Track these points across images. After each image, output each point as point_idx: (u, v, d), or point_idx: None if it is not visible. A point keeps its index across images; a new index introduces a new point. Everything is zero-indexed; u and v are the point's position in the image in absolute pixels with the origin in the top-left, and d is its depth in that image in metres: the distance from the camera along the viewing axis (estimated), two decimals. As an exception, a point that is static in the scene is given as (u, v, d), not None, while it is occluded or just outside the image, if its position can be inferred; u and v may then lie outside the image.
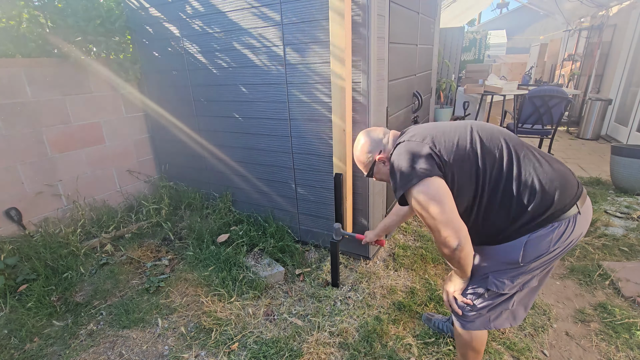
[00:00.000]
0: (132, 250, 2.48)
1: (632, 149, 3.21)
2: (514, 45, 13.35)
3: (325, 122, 2.10)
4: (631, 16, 5.36)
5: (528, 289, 1.21)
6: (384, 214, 2.40)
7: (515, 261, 1.11)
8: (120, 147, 2.97)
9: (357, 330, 1.78)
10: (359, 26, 1.81)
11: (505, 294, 1.19)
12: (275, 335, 1.76)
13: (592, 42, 6.63)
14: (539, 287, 1.27)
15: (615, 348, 1.66)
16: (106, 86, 2.80)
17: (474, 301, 1.23)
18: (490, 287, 1.18)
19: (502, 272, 1.16)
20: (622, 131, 5.32)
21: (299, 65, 2.06)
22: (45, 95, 2.46)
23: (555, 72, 8.39)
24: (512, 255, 1.12)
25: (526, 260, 1.10)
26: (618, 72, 5.63)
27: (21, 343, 1.74)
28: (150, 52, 2.75)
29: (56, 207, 2.60)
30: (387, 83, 2.13)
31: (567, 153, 4.99)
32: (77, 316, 1.93)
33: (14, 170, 2.35)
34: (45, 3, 2.47)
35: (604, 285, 2.10)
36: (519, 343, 1.68)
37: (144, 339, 1.78)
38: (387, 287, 2.09)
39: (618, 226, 2.75)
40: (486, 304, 1.22)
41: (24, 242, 2.27)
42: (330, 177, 2.18)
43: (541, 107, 4.25)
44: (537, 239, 1.08)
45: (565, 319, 1.86)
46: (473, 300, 1.23)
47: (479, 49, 6.33)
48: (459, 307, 1.27)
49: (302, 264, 2.32)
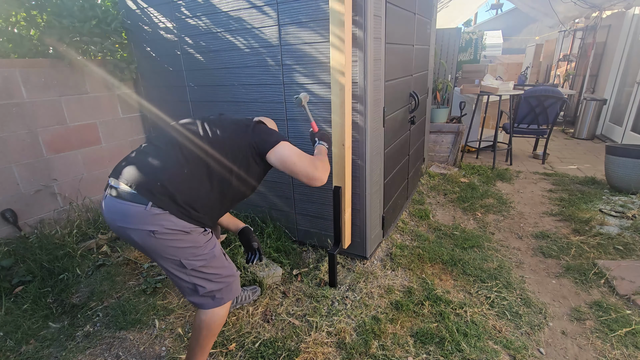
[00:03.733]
0: (128, 251, 2.47)
1: (626, 149, 3.24)
2: (510, 45, 13.45)
3: (324, 122, 2.10)
4: (625, 17, 5.41)
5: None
6: (381, 213, 2.41)
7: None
8: (117, 147, 2.96)
9: (354, 330, 1.79)
10: (356, 27, 1.82)
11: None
12: (273, 336, 1.76)
13: (586, 42, 6.69)
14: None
15: (611, 346, 1.68)
16: (102, 87, 2.79)
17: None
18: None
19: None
20: (616, 131, 5.37)
21: (296, 66, 2.07)
22: (41, 96, 2.44)
23: (551, 73, 8.45)
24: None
25: None
26: (612, 72, 5.69)
27: (17, 345, 1.73)
28: (147, 52, 2.74)
29: (52, 208, 2.59)
30: (384, 83, 2.14)
31: (563, 153, 5.03)
32: (73, 318, 1.92)
33: (9, 171, 2.34)
34: (41, 3, 2.46)
35: (599, 283, 2.12)
36: (515, 341, 1.69)
37: (141, 340, 1.77)
38: (384, 287, 2.10)
39: (613, 225, 2.77)
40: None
41: (20, 244, 2.26)
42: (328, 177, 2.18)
43: (537, 107, 4.29)
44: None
45: (561, 318, 1.88)
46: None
47: (475, 49, 6.36)
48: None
49: (299, 264, 2.32)
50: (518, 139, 5.75)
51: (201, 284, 1.31)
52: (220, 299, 1.36)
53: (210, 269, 1.32)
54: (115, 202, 1.22)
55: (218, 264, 1.36)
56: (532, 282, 2.17)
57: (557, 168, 4.33)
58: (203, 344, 1.41)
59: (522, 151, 5.18)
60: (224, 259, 1.40)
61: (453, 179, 3.87)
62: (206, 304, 1.35)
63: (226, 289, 1.37)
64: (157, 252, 1.24)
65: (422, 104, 3.30)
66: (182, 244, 1.25)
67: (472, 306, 1.92)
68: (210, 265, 1.32)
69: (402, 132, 2.69)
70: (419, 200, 3.33)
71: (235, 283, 1.42)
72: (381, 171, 2.31)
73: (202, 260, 1.30)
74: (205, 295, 1.33)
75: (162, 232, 1.20)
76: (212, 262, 1.33)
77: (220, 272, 1.36)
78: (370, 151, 2.06)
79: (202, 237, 1.31)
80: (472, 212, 3.13)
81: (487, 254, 2.46)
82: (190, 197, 1.26)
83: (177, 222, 1.22)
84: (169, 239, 1.22)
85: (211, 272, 1.33)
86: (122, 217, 1.21)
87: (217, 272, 1.35)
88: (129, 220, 1.20)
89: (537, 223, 2.92)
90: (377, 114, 2.09)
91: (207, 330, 1.38)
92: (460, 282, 2.15)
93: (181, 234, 1.24)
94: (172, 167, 1.27)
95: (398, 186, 2.78)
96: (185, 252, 1.26)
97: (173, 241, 1.23)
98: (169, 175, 1.24)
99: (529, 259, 2.43)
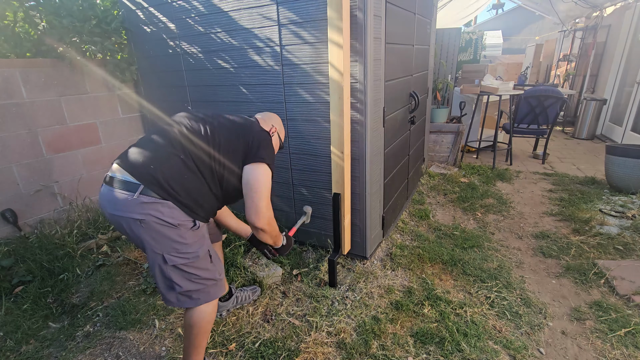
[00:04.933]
0: (128, 251, 2.47)
1: (626, 149, 3.24)
2: (510, 45, 13.46)
3: (323, 122, 2.10)
4: (625, 17, 5.41)
5: None
6: (381, 213, 2.41)
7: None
8: (117, 147, 2.96)
9: (354, 330, 1.79)
10: (356, 27, 1.82)
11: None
12: (273, 336, 1.76)
13: (586, 42, 6.69)
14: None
15: (611, 346, 1.68)
16: (102, 86, 2.79)
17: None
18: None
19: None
20: (616, 131, 5.37)
21: (296, 66, 2.07)
22: (41, 96, 2.44)
23: (551, 73, 8.45)
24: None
25: None
26: (612, 72, 5.68)
27: (17, 345, 1.73)
28: (147, 52, 2.74)
29: (52, 208, 2.59)
30: (384, 83, 2.14)
31: (563, 153, 5.03)
32: (73, 318, 1.92)
33: (9, 171, 2.34)
34: (41, 3, 2.45)
35: (599, 283, 2.12)
36: (515, 341, 1.69)
37: (141, 340, 1.77)
38: (384, 287, 2.10)
39: (613, 225, 2.77)
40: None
41: (20, 244, 2.26)
42: (327, 177, 2.18)
43: (537, 107, 4.29)
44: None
45: (561, 318, 1.88)
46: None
47: (475, 49, 6.37)
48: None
49: (299, 264, 2.32)
50: (518, 139, 5.75)
51: (178, 282, 1.29)
52: (197, 299, 1.35)
53: (190, 268, 1.31)
54: (106, 189, 1.27)
55: (200, 265, 1.34)
56: (532, 282, 2.17)
57: (557, 168, 4.33)
58: (195, 342, 1.40)
59: (522, 151, 5.18)
60: (208, 261, 1.37)
61: (453, 179, 3.87)
62: (183, 303, 1.34)
63: (203, 290, 1.36)
64: (143, 242, 1.25)
65: (422, 104, 3.30)
66: (167, 238, 1.24)
67: (472, 306, 1.92)
68: (192, 265, 1.31)
69: (402, 132, 2.69)
70: (419, 200, 3.33)
71: (214, 287, 1.39)
72: (381, 171, 2.31)
73: (184, 259, 1.28)
74: (181, 294, 1.32)
75: (148, 222, 1.21)
76: (195, 263, 1.31)
77: (200, 274, 1.33)
78: (370, 151, 2.06)
79: (189, 234, 1.29)
80: (472, 212, 3.13)
81: (487, 254, 2.46)
82: (182, 185, 1.26)
83: (166, 212, 1.22)
84: (156, 230, 1.22)
85: (191, 271, 1.31)
86: (112, 204, 1.24)
87: (198, 273, 1.33)
88: (118, 208, 1.22)
89: (537, 223, 2.92)
90: (377, 114, 2.09)
91: (197, 328, 1.37)
92: (460, 282, 2.15)
93: (168, 226, 1.24)
94: (163, 156, 1.27)
95: (398, 186, 2.78)
96: (169, 246, 1.25)
97: (159, 233, 1.23)
98: (160, 163, 1.25)
99: (529, 259, 2.43)
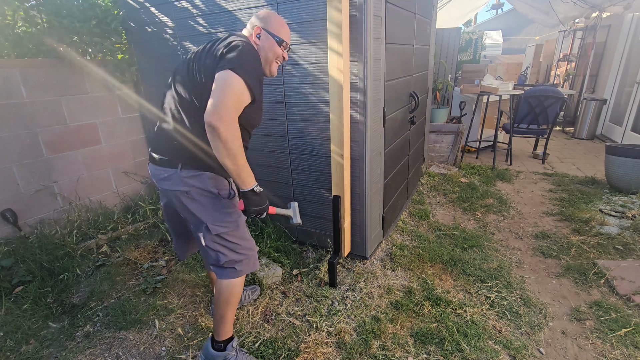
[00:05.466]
0: (128, 251, 2.47)
1: (626, 149, 3.24)
2: (510, 45, 13.45)
3: (323, 122, 2.10)
4: (625, 17, 5.41)
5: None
6: (381, 213, 2.41)
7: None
8: (117, 147, 2.96)
9: (354, 330, 1.79)
10: (356, 27, 1.82)
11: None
12: (273, 336, 1.76)
13: (586, 42, 6.69)
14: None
15: (611, 346, 1.68)
16: (102, 87, 2.79)
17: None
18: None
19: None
20: (616, 131, 5.37)
21: (296, 66, 2.07)
22: (41, 96, 2.44)
23: (551, 73, 8.45)
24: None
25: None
26: (612, 72, 5.68)
27: (17, 345, 1.73)
28: (147, 52, 2.74)
29: (52, 208, 2.59)
30: (384, 83, 2.14)
31: (563, 153, 5.03)
32: (73, 318, 1.92)
33: (9, 172, 2.33)
34: (41, 2, 2.46)
35: (599, 283, 2.12)
36: (515, 341, 1.69)
37: (141, 340, 1.77)
38: (384, 287, 2.10)
39: (613, 225, 2.77)
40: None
41: (20, 244, 2.26)
42: (327, 177, 2.18)
43: (537, 107, 4.29)
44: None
45: (561, 318, 1.88)
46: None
47: (475, 49, 6.36)
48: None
49: (299, 264, 2.32)
50: (518, 139, 5.75)
51: (222, 251, 1.37)
52: (240, 270, 1.43)
53: (232, 237, 1.39)
54: (152, 167, 1.40)
55: (240, 235, 1.42)
56: (532, 282, 2.17)
57: (557, 168, 4.33)
58: (223, 312, 1.44)
59: (522, 151, 5.18)
60: (246, 231, 1.47)
61: (453, 179, 3.87)
62: (227, 274, 1.41)
63: (246, 261, 1.44)
64: (189, 213, 1.35)
65: (422, 103, 3.30)
66: (210, 207, 1.35)
67: (472, 306, 1.92)
68: (233, 234, 1.39)
69: (402, 132, 2.69)
70: (419, 200, 3.33)
71: (254, 257, 1.50)
72: (381, 171, 2.31)
73: (226, 228, 1.36)
74: (225, 266, 1.40)
75: (193, 193, 1.31)
76: (235, 232, 1.40)
77: (241, 243, 1.42)
78: (370, 151, 2.06)
79: (229, 203, 1.39)
80: (472, 212, 3.13)
81: (487, 254, 2.46)
82: (202, 147, 1.31)
83: (206, 182, 1.32)
84: (199, 199, 1.33)
85: (233, 240, 1.39)
86: (159, 179, 1.36)
87: (239, 242, 1.41)
88: (165, 183, 1.34)
89: (537, 223, 2.92)
90: (377, 114, 2.09)
91: (226, 294, 1.42)
92: (460, 282, 2.15)
93: (210, 195, 1.34)
94: (179, 125, 1.33)
95: (398, 186, 2.78)
96: (212, 216, 1.34)
97: (202, 203, 1.32)
98: (179, 133, 1.32)
99: (529, 259, 2.43)
